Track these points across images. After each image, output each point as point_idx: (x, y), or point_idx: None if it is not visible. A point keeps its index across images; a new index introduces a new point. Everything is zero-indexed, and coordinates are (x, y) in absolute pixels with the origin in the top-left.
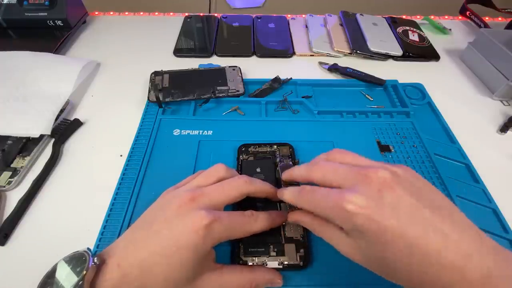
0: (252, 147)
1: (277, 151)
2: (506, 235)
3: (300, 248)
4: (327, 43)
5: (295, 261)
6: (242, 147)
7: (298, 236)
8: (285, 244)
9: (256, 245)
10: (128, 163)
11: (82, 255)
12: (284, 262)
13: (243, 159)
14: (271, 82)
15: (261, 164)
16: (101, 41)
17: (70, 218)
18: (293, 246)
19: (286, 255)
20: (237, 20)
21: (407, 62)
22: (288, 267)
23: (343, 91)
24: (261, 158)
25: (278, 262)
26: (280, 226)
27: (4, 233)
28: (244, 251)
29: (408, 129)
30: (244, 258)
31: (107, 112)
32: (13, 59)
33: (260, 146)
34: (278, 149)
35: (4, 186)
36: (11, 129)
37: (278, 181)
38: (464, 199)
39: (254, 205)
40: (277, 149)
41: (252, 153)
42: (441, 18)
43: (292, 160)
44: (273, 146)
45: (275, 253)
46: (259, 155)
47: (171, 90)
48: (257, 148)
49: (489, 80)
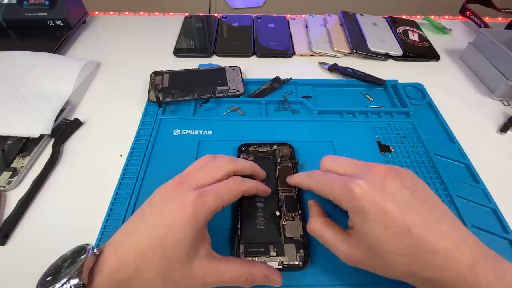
0: (252, 147)
1: (277, 151)
2: (506, 235)
3: (300, 248)
4: (327, 43)
5: (295, 261)
6: (242, 146)
7: (298, 236)
8: (285, 244)
9: (256, 245)
10: (128, 163)
11: (83, 247)
12: (283, 262)
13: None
14: (271, 82)
15: (261, 164)
16: (101, 41)
17: (70, 218)
18: (293, 246)
19: (286, 255)
20: (237, 20)
21: (407, 62)
22: (288, 267)
23: (343, 91)
24: (261, 158)
25: (278, 262)
26: (280, 226)
27: (4, 233)
28: (244, 251)
29: (408, 129)
30: (244, 258)
31: (107, 112)
32: (13, 59)
33: (260, 146)
34: (278, 149)
35: (4, 186)
36: (11, 129)
37: (278, 182)
38: (464, 199)
39: (254, 204)
40: (277, 149)
41: (252, 153)
42: (441, 18)
43: (291, 161)
44: (273, 146)
45: (275, 253)
46: (259, 155)
47: (171, 90)
48: (257, 148)
49: (489, 80)
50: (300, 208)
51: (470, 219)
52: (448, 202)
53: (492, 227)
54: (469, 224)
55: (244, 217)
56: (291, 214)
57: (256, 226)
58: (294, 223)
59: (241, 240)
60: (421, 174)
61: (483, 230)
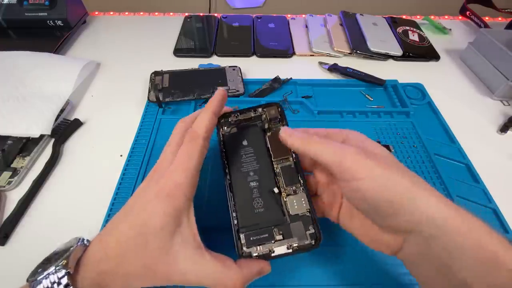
0: (233, 116)
1: (264, 114)
2: (506, 235)
3: (309, 224)
4: (327, 43)
5: (306, 241)
6: (221, 118)
7: (304, 211)
8: (291, 224)
9: (258, 232)
10: (128, 163)
11: (75, 239)
12: (293, 245)
13: (224, 133)
14: (271, 82)
15: (247, 135)
16: (101, 41)
17: (70, 218)
18: (300, 224)
19: (294, 236)
20: (237, 20)
21: (407, 62)
22: (299, 249)
23: (343, 91)
24: (245, 127)
25: (287, 246)
26: (282, 204)
27: (4, 233)
28: (246, 242)
29: (408, 129)
30: (247, 250)
31: (107, 112)
32: (13, 59)
33: (242, 112)
34: (264, 111)
35: (4, 186)
36: (11, 129)
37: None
38: (464, 199)
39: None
40: (263, 111)
41: (234, 123)
42: (441, 18)
43: (282, 123)
44: (258, 110)
45: (281, 236)
46: (243, 124)
47: (171, 90)
48: (239, 116)
49: (489, 80)
50: (301, 178)
51: None
52: None
53: (492, 227)
54: None
55: (238, 201)
56: (292, 187)
57: (253, 209)
58: (297, 196)
59: (240, 229)
60: (421, 174)
61: None
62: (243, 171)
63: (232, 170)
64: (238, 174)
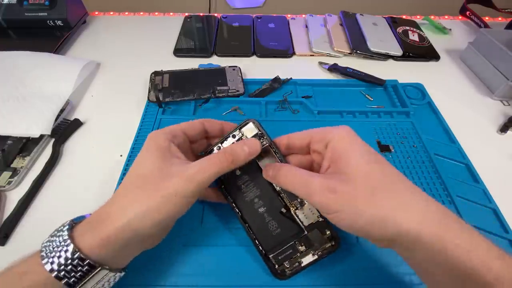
0: (216, 148)
1: (242, 135)
2: (506, 235)
3: (324, 228)
4: (327, 43)
5: (327, 244)
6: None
7: (316, 218)
8: (308, 234)
9: (283, 250)
10: (128, 163)
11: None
12: (317, 251)
13: None
14: (271, 82)
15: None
16: (101, 41)
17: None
18: (317, 231)
19: (315, 243)
20: (237, 20)
21: (407, 62)
22: (323, 253)
23: (343, 91)
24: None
25: (312, 253)
26: (294, 219)
27: (4, 233)
28: (276, 261)
29: (408, 129)
30: (280, 268)
31: (107, 112)
32: (13, 59)
33: (223, 141)
34: (241, 132)
35: (4, 186)
36: (11, 129)
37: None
38: (464, 199)
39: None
40: (240, 132)
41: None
42: (441, 18)
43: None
44: (235, 133)
45: (304, 247)
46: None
47: (171, 90)
48: (221, 145)
49: (489, 80)
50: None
51: (470, 219)
52: (448, 202)
53: (492, 227)
54: None
55: (255, 229)
56: (298, 200)
57: (271, 232)
58: (305, 208)
59: (267, 253)
60: (421, 174)
61: (483, 230)
62: (248, 200)
63: (237, 203)
64: (244, 205)
